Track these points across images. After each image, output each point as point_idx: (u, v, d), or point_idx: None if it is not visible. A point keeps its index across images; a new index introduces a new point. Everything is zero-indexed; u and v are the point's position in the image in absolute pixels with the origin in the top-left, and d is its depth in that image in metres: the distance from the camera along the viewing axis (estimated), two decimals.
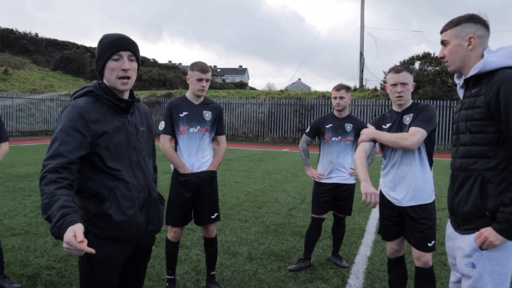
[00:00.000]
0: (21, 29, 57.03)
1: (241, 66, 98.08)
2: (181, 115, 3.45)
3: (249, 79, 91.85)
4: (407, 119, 2.95)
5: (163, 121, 3.50)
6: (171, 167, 3.56)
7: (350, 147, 4.18)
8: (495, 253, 1.95)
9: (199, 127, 3.47)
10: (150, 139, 2.26)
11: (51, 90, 32.34)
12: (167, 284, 3.65)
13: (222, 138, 3.67)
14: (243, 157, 14.24)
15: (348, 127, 4.14)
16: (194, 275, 3.96)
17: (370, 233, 5.52)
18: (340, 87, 4.10)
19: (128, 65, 1.99)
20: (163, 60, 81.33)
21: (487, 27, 2.07)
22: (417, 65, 23.34)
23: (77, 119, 1.90)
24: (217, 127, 3.61)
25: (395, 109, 3.04)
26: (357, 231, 5.61)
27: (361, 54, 28.13)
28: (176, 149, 3.53)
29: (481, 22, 2.06)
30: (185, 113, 3.45)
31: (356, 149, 4.24)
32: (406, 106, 3.00)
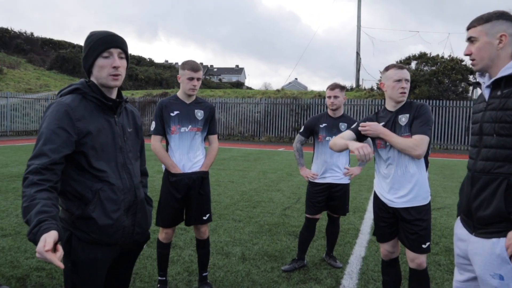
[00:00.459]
0: (16, 28, 56.64)
1: (237, 65, 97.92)
2: (172, 114, 3.39)
3: (245, 78, 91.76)
4: (402, 119, 2.90)
5: (154, 121, 3.45)
6: (163, 168, 3.52)
7: None
8: None
9: (190, 126, 3.42)
10: (137, 141, 2.21)
11: (47, 89, 32.19)
12: (158, 285, 3.60)
13: (214, 137, 3.62)
14: (238, 157, 14.20)
15: (342, 126, 4.10)
16: (186, 276, 3.91)
17: (364, 233, 5.49)
18: (334, 86, 4.06)
19: (118, 63, 1.95)
20: (160, 59, 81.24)
21: None
22: (413, 65, 23.37)
23: (62, 116, 1.85)
24: (209, 127, 3.56)
25: (389, 108, 2.99)
26: (351, 231, 5.58)
27: (358, 54, 28.14)
28: (167, 149, 3.48)
29: None
30: (176, 112, 3.40)
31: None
32: (401, 104, 2.96)
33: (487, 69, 2.03)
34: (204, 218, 3.51)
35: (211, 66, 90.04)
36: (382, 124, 2.96)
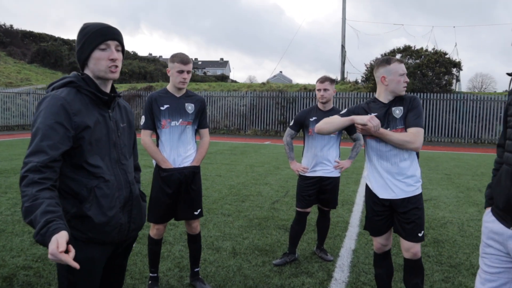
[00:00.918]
0: None
1: (222, 58, 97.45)
2: (162, 108, 3.33)
3: (230, 72, 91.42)
4: (396, 111, 2.90)
5: (143, 116, 3.39)
6: (153, 163, 3.46)
7: (334, 140, 4.13)
8: None
9: (181, 120, 3.37)
10: (131, 136, 2.16)
11: (28, 83, 31.55)
12: (149, 281, 3.55)
13: (205, 131, 3.57)
14: (225, 150, 14.14)
15: None
16: (177, 272, 3.87)
17: (354, 226, 5.51)
18: (324, 79, 4.04)
19: (116, 55, 1.91)
20: (143, 52, 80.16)
21: None
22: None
23: (59, 111, 1.78)
24: (200, 120, 3.51)
25: (382, 99, 2.98)
26: (341, 224, 5.60)
27: (343, 46, 28.22)
28: (157, 144, 3.42)
29: None
30: (166, 106, 3.34)
31: (339, 142, 4.23)
32: (394, 97, 2.96)
33: None
34: (195, 213, 3.47)
35: (196, 59, 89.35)
36: (374, 115, 2.96)
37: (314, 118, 4.12)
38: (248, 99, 23.94)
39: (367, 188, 3.10)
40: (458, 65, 22.50)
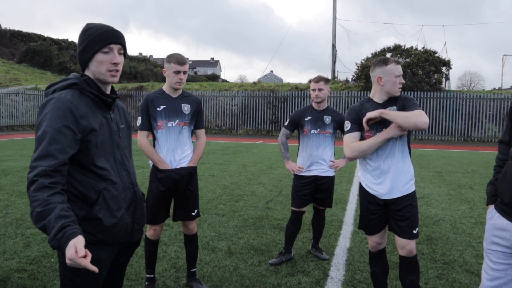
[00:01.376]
0: None
1: (213, 58, 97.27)
2: (158, 109, 3.32)
3: (221, 71, 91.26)
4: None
5: (140, 117, 3.38)
6: (150, 163, 3.45)
7: (329, 140, 4.16)
8: None
9: (177, 120, 3.36)
10: (130, 137, 2.17)
11: (17, 83, 31.23)
12: (146, 283, 3.54)
13: (201, 132, 3.57)
14: (217, 150, 14.13)
15: (327, 119, 4.12)
16: (173, 273, 3.87)
17: (348, 225, 5.55)
18: (319, 79, 4.06)
19: (119, 59, 1.90)
20: (133, 52, 79.75)
21: None
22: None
23: (66, 114, 1.77)
24: (196, 121, 3.50)
25: (377, 100, 3.00)
26: (335, 222, 5.63)
27: (333, 46, 28.32)
28: (154, 145, 3.41)
29: None
30: (162, 107, 3.33)
31: (334, 142, 4.25)
32: (388, 97, 2.99)
33: None
34: (192, 214, 3.47)
35: (186, 58, 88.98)
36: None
37: (309, 118, 4.13)
38: (239, 98, 23.94)
39: (361, 187, 3.12)
40: (447, 64, 22.73)
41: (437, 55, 22.65)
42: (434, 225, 5.56)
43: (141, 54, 75.95)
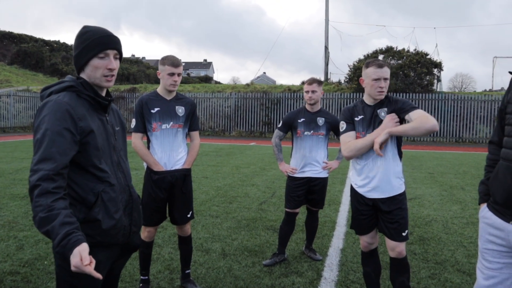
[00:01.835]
0: None
1: (205, 60, 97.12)
2: (152, 111, 3.34)
3: (214, 73, 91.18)
4: (382, 113, 2.95)
5: (134, 119, 3.39)
6: (144, 165, 3.46)
7: (322, 141, 4.19)
8: None
9: (172, 123, 3.37)
10: (125, 140, 2.19)
11: (8, 85, 31.00)
12: (140, 284, 3.55)
13: (195, 134, 3.59)
14: (210, 152, 14.14)
15: (320, 121, 4.15)
16: (167, 274, 3.88)
17: (341, 225, 5.58)
18: (312, 81, 4.10)
19: (114, 65, 1.91)
20: (126, 54, 79.29)
21: None
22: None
23: (65, 116, 1.77)
24: (191, 123, 3.52)
25: (368, 102, 3.04)
26: (328, 223, 5.66)
27: (326, 48, 28.43)
28: (148, 147, 3.42)
29: None
30: (157, 109, 3.34)
31: (327, 143, 4.28)
32: (379, 100, 3.01)
33: None
34: (187, 216, 3.48)
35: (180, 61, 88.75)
36: (360, 117, 3.02)
37: (302, 119, 4.16)
38: (232, 100, 23.96)
39: (352, 187, 3.16)
40: (439, 66, 22.93)
41: (428, 57, 22.85)
42: (426, 226, 5.61)
43: (133, 55, 75.69)
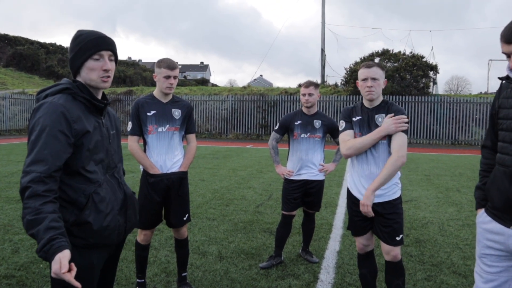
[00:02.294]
0: None
1: (202, 62, 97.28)
2: (148, 114, 3.33)
3: (210, 75, 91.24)
4: (379, 119, 2.96)
5: (130, 122, 3.39)
6: (140, 168, 3.45)
7: (319, 144, 4.20)
8: None
9: (168, 126, 3.37)
10: (119, 143, 2.19)
11: (3, 87, 30.89)
12: (137, 287, 3.54)
13: (192, 136, 3.58)
14: (207, 155, 14.12)
15: (317, 123, 4.16)
16: (164, 277, 3.87)
17: (337, 228, 5.59)
18: (309, 84, 4.11)
19: (109, 66, 1.91)
20: (122, 56, 79.23)
21: None
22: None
23: (59, 119, 1.77)
24: (187, 126, 3.52)
25: (366, 104, 3.05)
26: (325, 226, 5.67)
27: (323, 50, 28.49)
28: (144, 150, 3.42)
29: None
30: (153, 112, 3.34)
31: (323, 146, 4.30)
32: (377, 103, 3.01)
33: None
34: (184, 219, 3.47)
35: (176, 63, 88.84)
36: (358, 117, 3.03)
37: (299, 122, 4.17)
38: (229, 103, 23.95)
39: (347, 189, 3.18)
40: (435, 68, 23.01)
41: (424, 59, 22.93)
42: (422, 228, 5.63)
43: (130, 58, 75.66)
